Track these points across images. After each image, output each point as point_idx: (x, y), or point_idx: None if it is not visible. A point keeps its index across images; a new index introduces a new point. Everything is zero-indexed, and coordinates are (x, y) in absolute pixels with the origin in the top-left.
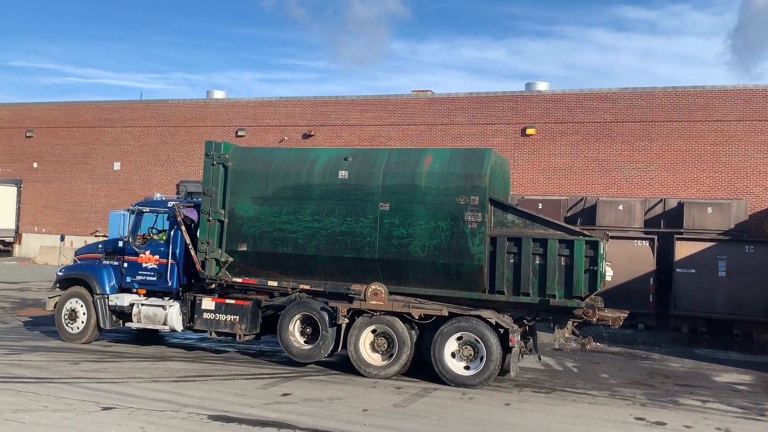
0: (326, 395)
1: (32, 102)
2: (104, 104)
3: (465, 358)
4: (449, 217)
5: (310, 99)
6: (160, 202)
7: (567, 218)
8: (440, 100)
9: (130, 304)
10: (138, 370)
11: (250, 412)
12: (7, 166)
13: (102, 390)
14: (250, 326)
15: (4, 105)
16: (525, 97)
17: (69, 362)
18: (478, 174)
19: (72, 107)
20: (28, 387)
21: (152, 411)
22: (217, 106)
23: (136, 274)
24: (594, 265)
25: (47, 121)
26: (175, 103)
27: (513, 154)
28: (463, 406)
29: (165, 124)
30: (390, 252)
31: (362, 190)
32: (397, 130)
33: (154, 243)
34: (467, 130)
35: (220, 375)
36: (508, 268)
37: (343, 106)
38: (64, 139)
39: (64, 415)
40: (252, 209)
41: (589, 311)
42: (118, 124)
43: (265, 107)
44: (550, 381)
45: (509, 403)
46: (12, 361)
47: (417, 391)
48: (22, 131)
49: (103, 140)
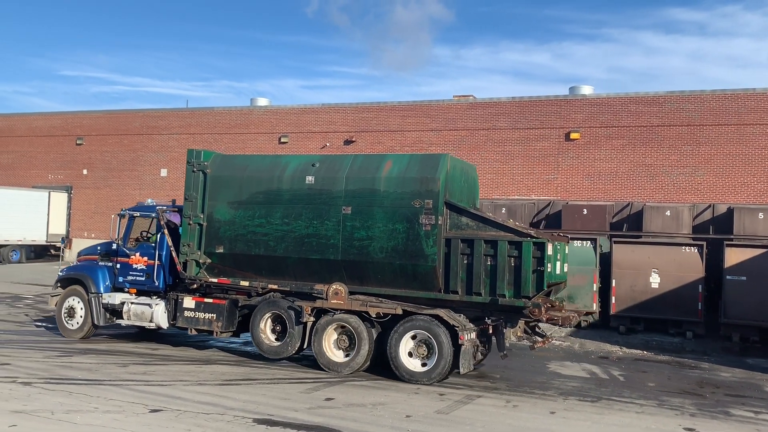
0: (369, 400)
1: (82, 110)
2: (151, 112)
3: (420, 355)
4: (405, 220)
5: (351, 105)
6: (148, 207)
7: (612, 224)
8: (482, 105)
9: (121, 302)
10: (184, 373)
11: (294, 416)
12: (59, 173)
13: (150, 392)
14: (227, 324)
15: (55, 113)
16: (569, 101)
17: (118, 365)
18: (432, 178)
19: (120, 115)
20: (79, 388)
21: (199, 414)
22: (261, 114)
23: (127, 274)
24: (541, 266)
25: (96, 128)
26: (219, 110)
27: (557, 159)
28: (506, 413)
29: (210, 132)
30: (352, 253)
31: (327, 194)
32: (438, 135)
33: (144, 245)
34: (509, 134)
35: (264, 379)
36: (462, 268)
37: (384, 112)
38: (112, 146)
39: (114, 417)
40: (228, 213)
41: (535, 310)
42: (165, 131)
43: (307, 114)
44: (596, 389)
45: (554, 412)
46: (64, 363)
47: (460, 397)
48: (73, 139)
49: (150, 147)
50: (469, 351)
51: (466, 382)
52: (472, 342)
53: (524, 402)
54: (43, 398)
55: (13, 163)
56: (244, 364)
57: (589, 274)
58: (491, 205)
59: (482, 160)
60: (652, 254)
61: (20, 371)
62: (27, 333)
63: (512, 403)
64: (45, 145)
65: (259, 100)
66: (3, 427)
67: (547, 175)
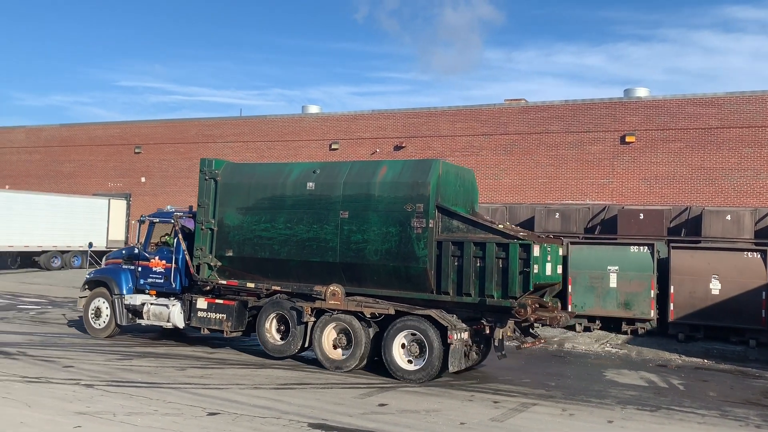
0: (423, 407)
1: (140, 120)
2: (206, 121)
3: (412, 354)
4: (398, 223)
5: (401, 111)
6: (166, 213)
7: (670, 229)
8: (534, 109)
9: (141, 303)
10: (240, 376)
11: (348, 422)
12: (118, 181)
13: (207, 395)
14: (236, 323)
15: (114, 123)
16: (624, 103)
17: (176, 368)
18: (423, 183)
19: (177, 124)
20: (139, 391)
21: (255, 417)
22: (312, 121)
23: (147, 277)
24: (527, 267)
25: (154, 137)
26: (272, 118)
27: (612, 163)
28: (563, 422)
29: (263, 139)
30: (349, 256)
31: (326, 199)
32: (489, 140)
33: (162, 249)
34: (562, 138)
35: (318, 383)
36: (453, 270)
37: (434, 117)
38: (169, 155)
39: (173, 419)
40: (237, 218)
41: (521, 310)
42: (220, 139)
43: (357, 120)
44: (655, 398)
45: (612, 421)
46: (124, 366)
47: (515, 405)
48: (131, 147)
49: (205, 155)
50: (458, 350)
51: (521, 389)
52: (463, 341)
53: (581, 410)
54: (105, 400)
55: (74, 171)
56: (297, 368)
57: (646, 281)
58: (544, 210)
59: (534, 164)
60: (712, 260)
61: (83, 373)
62: (89, 336)
63: (568, 411)
64: (105, 153)
65: (310, 107)
66: (68, 428)
67: (601, 179)
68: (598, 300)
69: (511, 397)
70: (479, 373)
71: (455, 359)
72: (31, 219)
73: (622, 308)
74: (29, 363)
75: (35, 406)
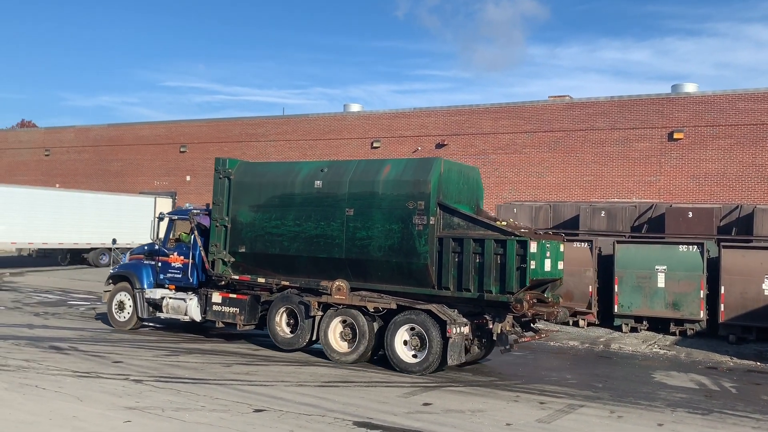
0: (467, 407)
1: (185, 119)
2: (249, 120)
3: (414, 347)
4: (400, 220)
5: (443, 109)
6: (184, 210)
7: (720, 228)
8: (579, 105)
9: (161, 297)
10: (285, 374)
11: (393, 420)
12: (163, 180)
13: (253, 392)
14: (249, 317)
15: (160, 123)
16: (672, 99)
17: (222, 364)
18: (424, 181)
19: (220, 123)
20: (186, 387)
21: (300, 414)
22: (354, 119)
23: (167, 272)
24: (523, 263)
25: (198, 136)
26: (314, 117)
27: (659, 160)
28: (611, 424)
29: (305, 138)
30: (354, 252)
31: (333, 197)
32: (532, 137)
33: (180, 245)
34: (608, 135)
35: (362, 381)
36: (454, 266)
37: (476, 114)
38: (213, 153)
39: (220, 416)
40: (249, 216)
41: (517, 305)
42: (263, 138)
43: (399, 118)
44: (706, 402)
45: (662, 424)
46: (171, 362)
47: (561, 407)
48: (177, 147)
49: (249, 154)
50: (457, 344)
51: (567, 390)
52: (462, 335)
53: (629, 413)
54: (153, 396)
55: (121, 170)
56: (341, 366)
57: (695, 281)
58: (589, 208)
59: (579, 161)
60: (764, 259)
61: (132, 369)
62: (136, 332)
63: (616, 413)
64: (151, 153)
65: (352, 105)
66: (118, 422)
67: (648, 176)
68: (645, 300)
69: (558, 398)
70: (524, 372)
71: (454, 353)
72: (80, 217)
73: (671, 309)
74: (80, 358)
75: (86, 401)
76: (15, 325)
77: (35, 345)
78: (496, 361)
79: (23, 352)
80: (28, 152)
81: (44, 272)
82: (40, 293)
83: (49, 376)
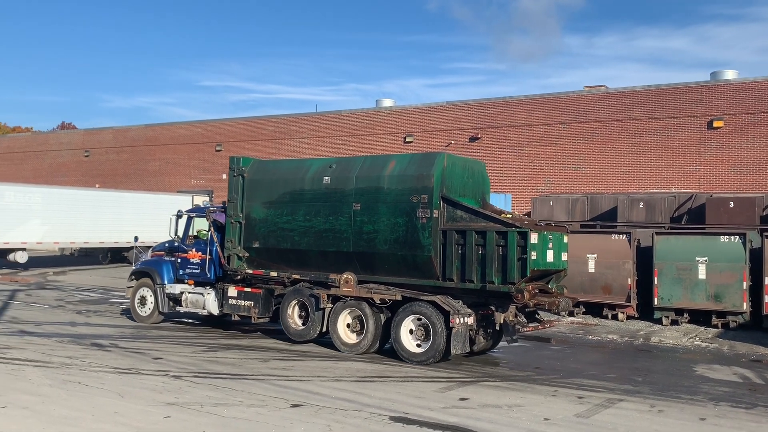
0: (504, 402)
1: (221, 118)
2: (283, 117)
3: (419, 337)
4: (405, 214)
5: (476, 102)
6: (201, 208)
7: (763, 217)
8: (615, 95)
9: (180, 292)
10: (321, 369)
11: (429, 415)
12: (200, 178)
13: (290, 387)
14: (263, 310)
15: (196, 122)
16: (711, 87)
17: (259, 360)
18: (427, 175)
19: (255, 122)
20: (224, 382)
21: (336, 410)
22: (386, 115)
23: (186, 267)
24: (524, 254)
25: (234, 135)
26: (347, 113)
27: (698, 149)
28: (652, 419)
29: (338, 134)
30: (361, 245)
31: (341, 193)
32: (567, 128)
33: (198, 242)
34: (646, 125)
35: (398, 376)
36: (457, 258)
37: (510, 106)
38: (248, 152)
39: (258, 411)
40: (262, 212)
41: (518, 295)
42: (296, 135)
43: (431, 113)
44: (750, 395)
45: (704, 418)
46: (210, 358)
47: (600, 401)
48: (213, 145)
49: (282, 151)
50: (461, 334)
51: (606, 385)
52: (466, 326)
53: (670, 407)
54: (192, 391)
55: (159, 170)
56: (376, 361)
57: (738, 272)
58: (627, 199)
59: (616, 152)
60: None
61: (171, 365)
62: (175, 329)
63: (657, 407)
64: (187, 152)
65: (384, 101)
66: (158, 417)
67: (687, 166)
68: (685, 292)
69: (596, 393)
70: (562, 367)
71: (458, 342)
72: (119, 216)
73: (712, 301)
74: (121, 354)
75: (127, 396)
76: (58, 323)
77: (78, 342)
78: (532, 355)
79: (66, 349)
80: (68, 154)
81: (86, 271)
82: (82, 291)
83: (92, 372)
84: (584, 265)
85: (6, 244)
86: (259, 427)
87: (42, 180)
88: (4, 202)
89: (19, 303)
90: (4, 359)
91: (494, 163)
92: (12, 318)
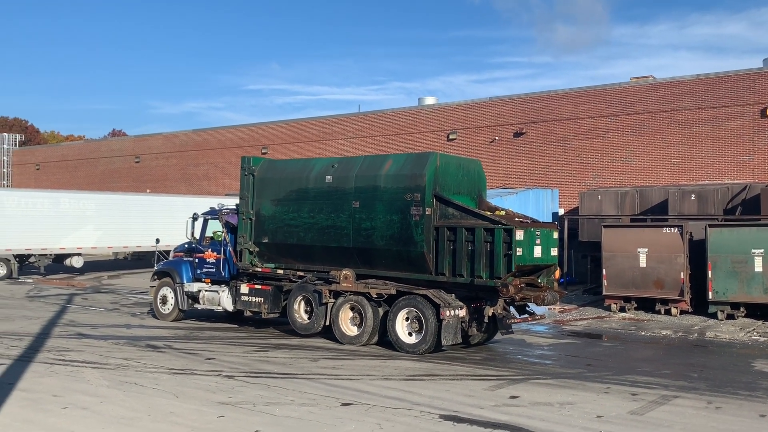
0: (556, 399)
1: (266, 122)
2: (326, 119)
3: (413, 329)
4: (399, 212)
5: (520, 96)
6: (214, 210)
7: None
8: (663, 86)
9: (198, 290)
10: (370, 367)
11: (480, 413)
12: None
13: (340, 386)
14: (272, 306)
15: (242, 126)
16: (763, 74)
17: (309, 359)
18: (420, 174)
19: (299, 124)
20: (276, 382)
21: (386, 408)
22: (429, 112)
23: (203, 267)
24: (510, 250)
25: (278, 137)
26: (390, 112)
27: (752, 138)
28: (708, 415)
29: (382, 134)
30: (360, 241)
31: (341, 191)
32: (614, 121)
33: (214, 242)
34: (695, 115)
35: (447, 375)
36: (449, 253)
37: (555, 100)
38: (293, 154)
39: (309, 410)
40: (270, 209)
41: (503, 289)
42: (340, 136)
43: (474, 109)
44: None
45: (764, 415)
46: (261, 358)
47: (655, 398)
48: (259, 148)
49: (327, 152)
50: (451, 326)
51: (660, 381)
52: (457, 318)
53: (728, 403)
54: (245, 391)
55: (207, 173)
56: (425, 360)
57: None
58: (678, 192)
59: (665, 144)
60: None
61: (224, 365)
62: (225, 329)
63: (714, 404)
64: (234, 155)
65: (427, 99)
66: (212, 417)
67: (740, 156)
68: (741, 286)
69: (651, 389)
70: (614, 364)
71: (449, 334)
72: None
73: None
74: (175, 355)
75: (182, 397)
76: (114, 326)
77: (133, 344)
78: (583, 352)
79: (122, 351)
80: (119, 160)
81: (139, 274)
82: (136, 294)
83: (147, 373)
84: (635, 260)
85: (62, 250)
86: (310, 425)
87: (95, 186)
88: (60, 209)
89: (76, 306)
90: (64, 361)
91: (540, 158)
92: (70, 321)
